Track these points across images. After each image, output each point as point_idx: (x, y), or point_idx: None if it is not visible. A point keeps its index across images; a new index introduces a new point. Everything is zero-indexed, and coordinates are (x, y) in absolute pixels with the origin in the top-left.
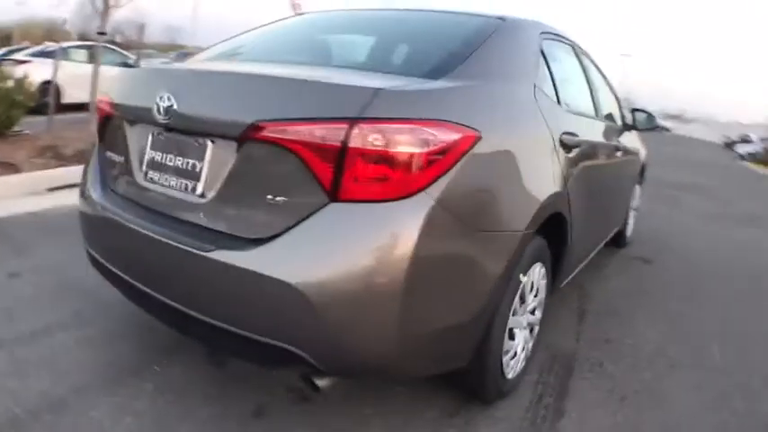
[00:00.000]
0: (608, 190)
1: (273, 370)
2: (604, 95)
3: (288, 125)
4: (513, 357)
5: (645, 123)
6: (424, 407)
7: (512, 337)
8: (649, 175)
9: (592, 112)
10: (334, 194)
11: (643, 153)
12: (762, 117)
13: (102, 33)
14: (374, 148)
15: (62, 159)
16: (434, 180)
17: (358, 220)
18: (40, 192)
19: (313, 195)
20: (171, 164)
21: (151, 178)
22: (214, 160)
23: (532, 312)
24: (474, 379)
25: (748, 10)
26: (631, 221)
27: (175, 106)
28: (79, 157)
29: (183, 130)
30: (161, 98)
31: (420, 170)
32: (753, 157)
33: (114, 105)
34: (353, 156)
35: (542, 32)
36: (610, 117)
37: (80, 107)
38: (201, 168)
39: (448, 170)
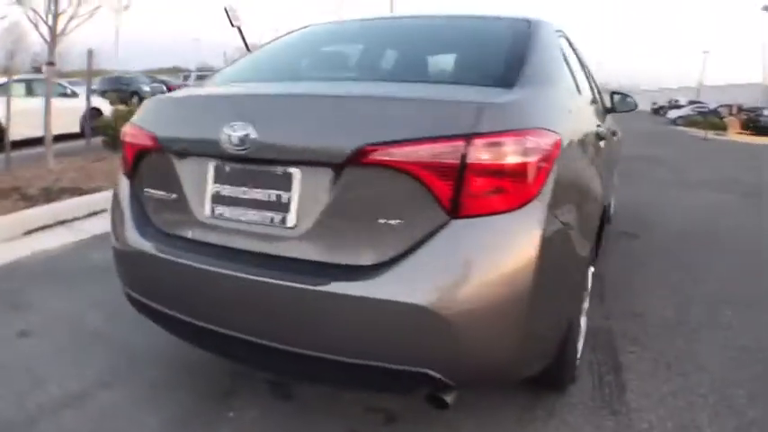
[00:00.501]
0: (606, 171)
1: (395, 394)
2: (592, 81)
3: (400, 147)
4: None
5: (623, 105)
6: (505, 405)
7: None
8: None
9: (593, 99)
10: (455, 212)
11: (620, 134)
12: (691, 81)
13: (50, 64)
14: (491, 163)
15: (29, 200)
16: (543, 187)
17: (482, 234)
18: (16, 236)
19: (432, 214)
20: (246, 197)
21: (220, 214)
22: (305, 189)
23: None
24: (555, 371)
25: None
26: (612, 199)
27: (253, 135)
28: (46, 196)
29: (261, 161)
30: (232, 127)
31: (532, 179)
32: (684, 120)
33: (157, 138)
34: (472, 171)
35: (555, 30)
36: (601, 101)
37: (25, 143)
38: (290, 199)
39: (548, 175)
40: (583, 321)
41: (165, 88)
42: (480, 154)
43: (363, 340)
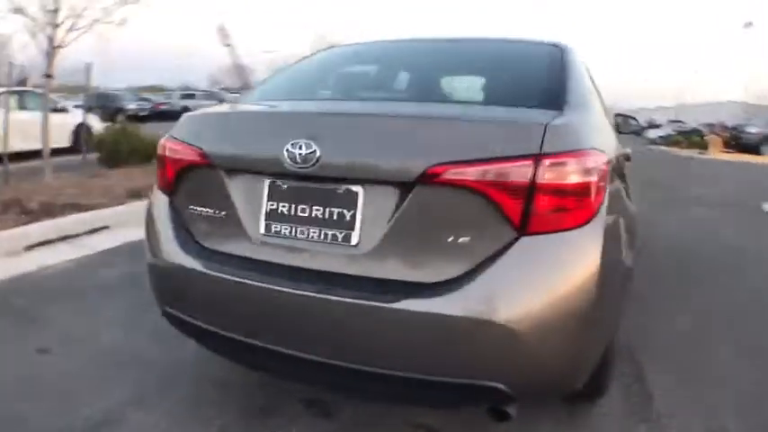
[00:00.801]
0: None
1: (459, 408)
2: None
3: (470, 166)
4: None
5: (626, 127)
6: (541, 417)
7: None
8: None
9: (610, 121)
10: (523, 229)
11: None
12: (669, 100)
13: (48, 76)
14: (558, 182)
15: (30, 214)
16: (600, 205)
17: (549, 251)
18: (17, 251)
19: (501, 232)
20: (305, 215)
21: (276, 232)
22: (369, 207)
23: None
24: (595, 380)
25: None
26: None
27: (318, 153)
28: (47, 211)
29: (323, 179)
30: (296, 146)
31: (593, 197)
32: (665, 140)
33: (206, 154)
34: (540, 190)
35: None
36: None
37: (20, 156)
38: (354, 216)
39: (605, 194)
40: None
41: (149, 106)
42: (548, 173)
43: (432, 356)
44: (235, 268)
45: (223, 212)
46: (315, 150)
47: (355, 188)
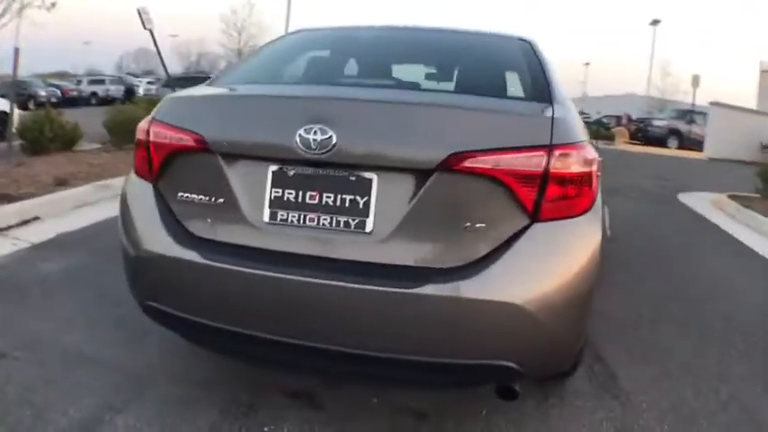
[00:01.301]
0: None
1: (471, 386)
2: None
3: (489, 155)
4: None
5: None
6: (519, 402)
7: None
8: None
9: None
10: (536, 216)
11: None
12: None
13: None
14: (567, 171)
15: None
16: (596, 193)
17: (559, 236)
18: None
19: (516, 218)
20: (314, 202)
21: (283, 219)
22: (384, 194)
23: None
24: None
25: None
26: None
27: (335, 140)
28: None
29: (336, 165)
30: (310, 131)
31: (594, 186)
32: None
33: (204, 139)
34: (553, 179)
35: None
36: None
37: None
38: (367, 203)
39: (598, 183)
40: None
41: (59, 92)
42: (558, 163)
43: (449, 339)
44: (236, 257)
45: (220, 200)
46: (331, 136)
47: (369, 175)
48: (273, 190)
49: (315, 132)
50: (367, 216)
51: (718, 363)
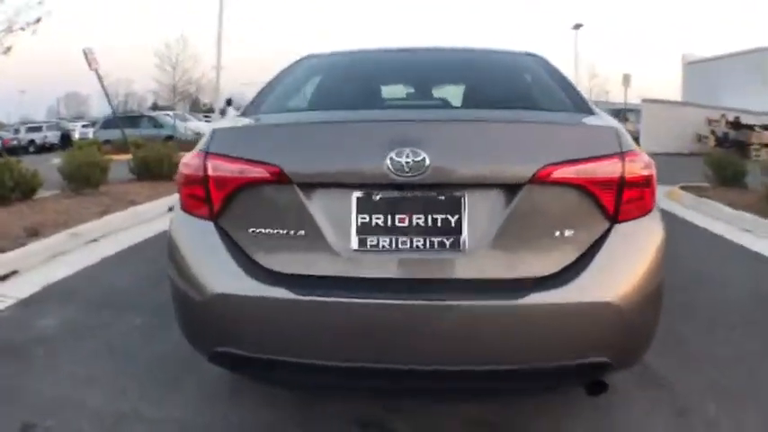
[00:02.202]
0: None
1: (571, 386)
2: None
3: (574, 165)
4: None
5: None
6: (571, 398)
7: None
8: None
9: None
10: (616, 218)
11: None
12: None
13: None
14: (638, 175)
15: None
16: (656, 194)
17: (636, 235)
18: None
19: (599, 222)
20: (405, 225)
21: (374, 245)
22: (476, 210)
23: None
24: None
25: None
26: None
27: (428, 162)
28: None
29: (422, 186)
30: (402, 154)
31: (654, 187)
32: None
33: (281, 171)
34: (628, 183)
35: None
36: None
37: None
38: (459, 221)
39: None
40: None
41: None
42: (630, 168)
43: (553, 343)
44: (328, 288)
45: (301, 231)
46: (424, 158)
47: (458, 193)
48: (360, 216)
49: (407, 155)
50: (460, 233)
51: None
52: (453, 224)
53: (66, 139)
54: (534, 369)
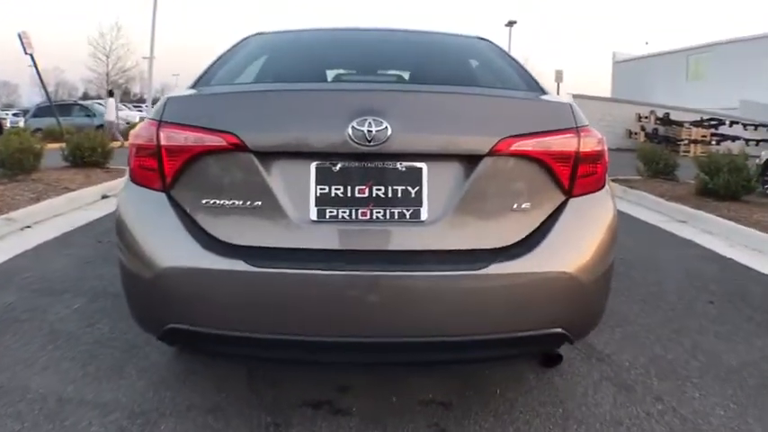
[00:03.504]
0: None
1: (527, 357)
2: None
3: (532, 138)
4: None
5: None
6: (522, 377)
7: None
8: None
9: None
10: (570, 192)
11: None
12: None
13: None
14: (592, 150)
15: None
16: (607, 170)
17: (590, 209)
18: None
19: (555, 195)
20: (364, 195)
21: (333, 216)
22: (435, 182)
23: None
24: None
25: None
26: None
27: (390, 131)
28: None
29: (383, 156)
30: (363, 123)
31: (605, 163)
32: None
33: (239, 139)
34: (582, 158)
35: None
36: None
37: None
38: (420, 192)
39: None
40: None
41: None
42: (584, 143)
43: (512, 313)
44: (286, 261)
45: (257, 202)
46: (386, 128)
47: (419, 164)
48: (319, 187)
49: (369, 124)
50: (421, 205)
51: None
52: (413, 195)
53: None
54: (492, 340)
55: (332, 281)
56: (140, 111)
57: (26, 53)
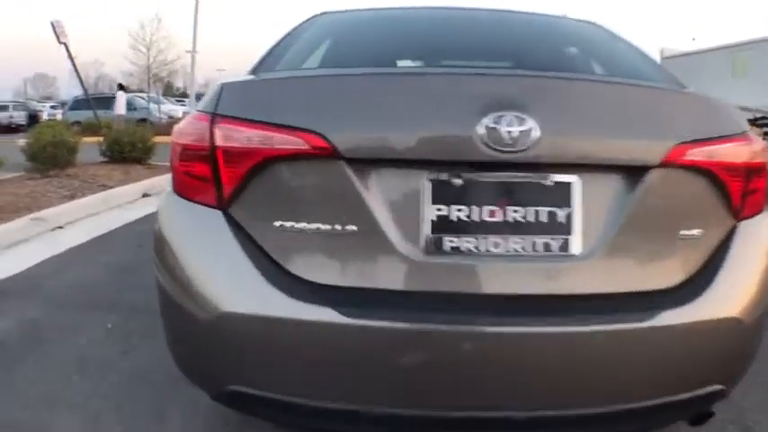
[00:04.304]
0: None
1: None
2: None
3: (707, 145)
4: None
5: None
6: None
7: None
8: None
9: None
10: (740, 214)
11: None
12: None
13: None
14: (759, 162)
15: None
16: None
17: (760, 234)
18: None
19: (724, 219)
20: (496, 219)
21: (455, 248)
22: (589, 202)
23: None
24: None
25: None
26: None
27: (537, 133)
28: None
29: (524, 167)
30: (501, 120)
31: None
32: None
33: (326, 141)
34: (752, 171)
35: None
36: None
37: None
38: (569, 216)
39: None
40: None
41: None
42: (754, 153)
43: (678, 372)
44: (390, 309)
45: (350, 227)
46: (531, 128)
47: (569, 178)
48: (435, 207)
49: (509, 122)
50: (570, 233)
51: None
52: (562, 220)
53: (33, 120)
54: (650, 407)
55: (454, 338)
56: (183, 105)
57: (60, 42)
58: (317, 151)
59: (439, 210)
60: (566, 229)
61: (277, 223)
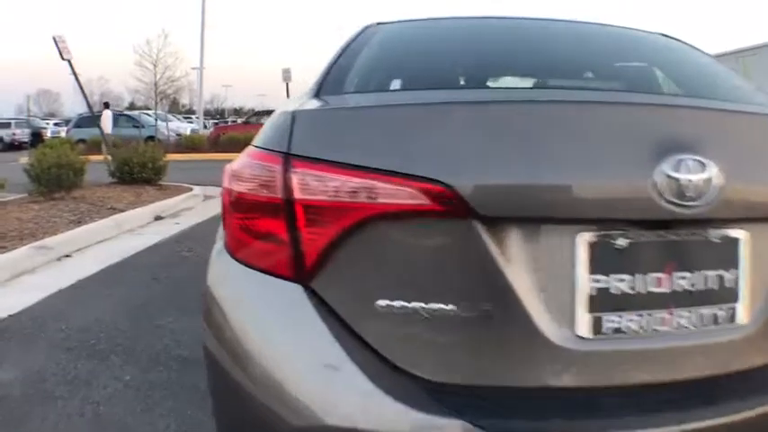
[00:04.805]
0: None
1: None
2: None
3: None
4: None
5: None
6: None
7: None
8: None
9: None
10: None
11: None
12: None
13: None
14: None
15: None
16: None
17: None
18: None
19: None
20: (662, 289)
21: (616, 329)
22: (756, 260)
23: None
24: None
25: None
26: None
27: (719, 180)
28: None
29: (698, 222)
30: (681, 167)
31: None
32: None
33: (454, 195)
34: None
35: None
36: None
37: None
38: (736, 278)
39: None
40: None
41: None
42: None
43: None
44: (541, 417)
45: (484, 306)
46: (711, 176)
47: (736, 233)
48: (592, 278)
49: (687, 168)
50: (736, 299)
51: None
52: (730, 284)
53: (37, 138)
54: None
55: None
56: (191, 123)
57: (63, 59)
58: (441, 207)
59: (596, 281)
60: (731, 294)
61: (382, 303)
